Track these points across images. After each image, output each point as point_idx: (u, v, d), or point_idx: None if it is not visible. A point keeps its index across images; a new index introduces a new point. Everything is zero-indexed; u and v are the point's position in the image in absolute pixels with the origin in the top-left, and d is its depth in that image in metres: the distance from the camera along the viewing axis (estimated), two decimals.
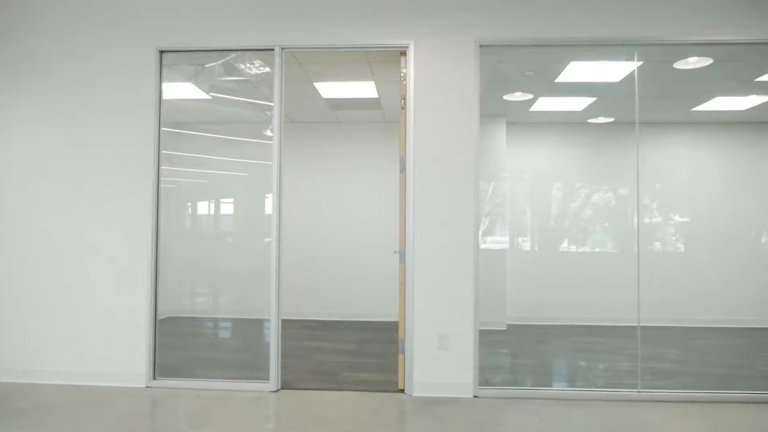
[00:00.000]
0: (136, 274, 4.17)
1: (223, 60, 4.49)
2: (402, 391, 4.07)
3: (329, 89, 5.82)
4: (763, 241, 6.75)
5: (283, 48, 4.11)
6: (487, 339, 5.89)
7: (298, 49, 4.12)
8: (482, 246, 6.88)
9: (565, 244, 6.84)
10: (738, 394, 3.89)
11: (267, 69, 4.30)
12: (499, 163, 6.58)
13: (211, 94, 4.68)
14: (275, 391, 4.07)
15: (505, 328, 6.41)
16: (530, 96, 5.88)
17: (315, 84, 5.63)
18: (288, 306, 7.44)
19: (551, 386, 4.09)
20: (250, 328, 4.94)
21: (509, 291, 6.68)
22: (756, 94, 5.69)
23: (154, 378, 4.17)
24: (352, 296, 7.47)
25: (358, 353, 5.33)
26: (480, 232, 7.21)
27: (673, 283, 6.67)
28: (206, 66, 4.56)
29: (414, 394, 3.98)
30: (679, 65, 4.76)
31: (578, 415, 3.55)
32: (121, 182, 4.20)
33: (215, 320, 5.60)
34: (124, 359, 4.16)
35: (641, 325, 4.26)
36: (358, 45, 4.06)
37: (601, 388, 4.06)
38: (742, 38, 3.95)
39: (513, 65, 5.05)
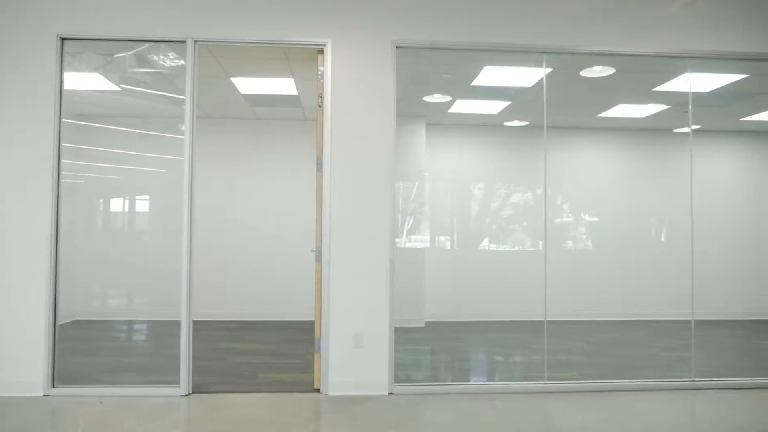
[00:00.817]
0: (33, 273, 3.90)
1: (135, 51, 4.29)
2: (318, 390, 4.05)
3: (247, 85, 5.70)
4: (662, 239, 7.25)
5: (196, 41, 3.98)
6: (405, 336, 5.98)
7: (212, 42, 4.00)
8: (407, 245, 6.99)
9: (482, 242, 7.05)
10: (635, 383, 4.16)
11: (182, 62, 4.15)
12: (419, 164, 6.69)
13: (122, 86, 4.47)
14: (186, 395, 3.94)
15: (423, 325, 6.52)
16: (449, 98, 6.02)
17: (232, 79, 5.49)
18: (206, 307, 7.23)
19: (465, 381, 4.20)
20: (162, 331, 4.75)
21: (428, 289, 6.80)
22: (654, 102, 6.10)
23: (53, 386, 3.91)
24: (272, 296, 7.36)
25: (276, 354, 5.26)
26: (404, 231, 7.32)
27: (578, 280, 7.04)
28: (116, 56, 4.34)
29: (330, 394, 3.97)
30: (586, 73, 5.03)
31: (488, 408, 3.67)
32: (19, 175, 3.91)
33: (126, 323, 5.35)
34: (19, 366, 3.88)
35: (548, 320, 4.46)
36: (274, 41, 3.99)
37: (510, 381, 4.22)
38: (641, 50, 4.22)
39: (432, 67, 5.15)
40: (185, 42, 3.99)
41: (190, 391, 3.98)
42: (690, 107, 4.62)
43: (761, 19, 4.28)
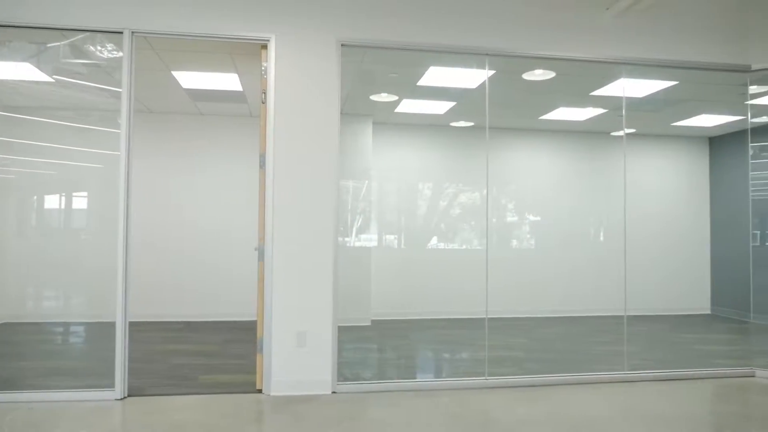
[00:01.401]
0: None
1: (69, 41, 4.11)
2: (260, 391, 3.99)
3: (189, 79, 5.55)
4: (598, 239, 7.53)
5: (133, 32, 3.85)
6: (350, 335, 5.98)
7: (150, 34, 3.88)
8: (356, 244, 6.99)
9: (428, 241, 7.13)
10: (572, 376, 4.30)
11: (120, 53, 4.00)
12: (367, 163, 6.70)
13: (56, 77, 4.27)
14: (121, 398, 3.80)
15: (369, 324, 6.54)
16: (395, 97, 6.05)
17: (173, 73, 5.34)
18: (146, 308, 7.01)
19: (408, 378, 4.24)
20: (98, 332, 4.57)
21: (375, 287, 6.83)
22: (592, 106, 6.32)
23: None
24: (216, 296, 7.20)
25: (218, 354, 5.15)
26: (354, 230, 7.30)
27: (519, 278, 7.22)
28: (49, 46, 4.14)
29: (272, 394, 3.92)
30: (527, 76, 5.16)
31: (430, 404, 3.71)
32: None
33: (61, 325, 5.13)
34: None
35: (489, 317, 4.55)
36: (216, 35, 3.91)
37: (452, 377, 4.29)
38: (579, 56, 4.36)
39: (379, 66, 5.16)
40: (122, 33, 3.85)
41: (126, 395, 3.85)
42: (624, 111, 4.81)
43: (690, 30, 4.50)
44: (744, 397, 3.91)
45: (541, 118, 6.76)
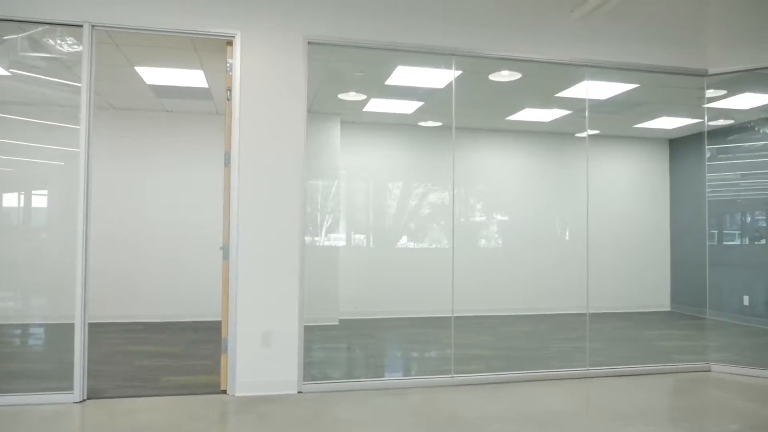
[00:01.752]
0: None
1: (27, 33, 3.99)
2: (224, 392, 3.94)
3: (153, 75, 5.45)
4: (562, 238, 7.67)
5: (93, 25, 3.75)
6: (318, 334, 5.96)
7: (111, 28, 3.79)
8: (326, 243, 6.96)
9: (396, 240, 7.15)
10: (536, 373, 4.37)
11: (80, 47, 3.90)
12: (335, 162, 6.68)
13: (13, 71, 4.14)
14: (80, 401, 3.71)
15: (337, 323, 6.52)
16: (364, 96, 6.05)
17: (136, 68, 5.23)
18: (109, 308, 6.84)
19: (375, 377, 4.24)
20: (58, 334, 4.45)
21: (343, 287, 6.81)
22: (557, 107, 6.44)
23: None
24: (180, 296, 7.08)
25: (182, 356, 5.07)
26: (323, 229, 7.27)
27: (486, 276, 7.31)
28: (5, 38, 4.01)
29: (237, 395, 3.87)
30: (494, 77, 5.22)
31: (394, 403, 3.72)
32: None
33: (19, 326, 4.98)
34: None
35: (455, 315, 4.59)
36: (179, 30, 3.84)
37: (419, 375, 4.31)
38: (544, 57, 4.43)
39: (347, 65, 5.15)
40: (81, 26, 3.75)
41: (85, 398, 3.76)
42: (587, 113, 4.91)
43: (650, 34, 4.62)
44: (700, 391, 4.03)
45: (507, 118, 6.85)
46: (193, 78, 5.52)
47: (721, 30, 4.67)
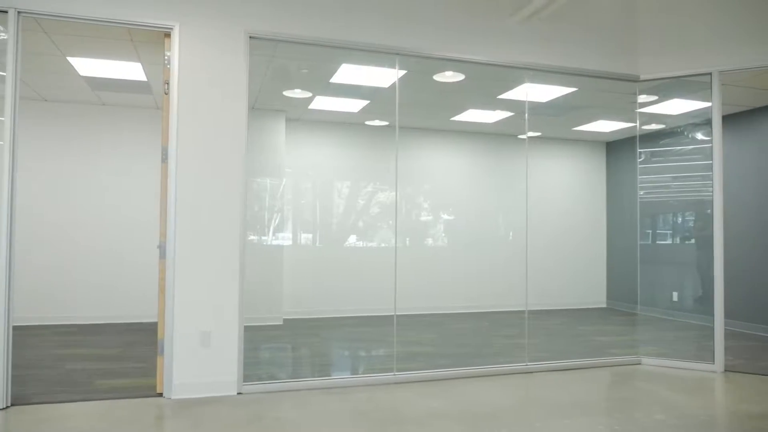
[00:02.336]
0: None
1: None
2: (161, 395, 3.82)
3: (87, 66, 5.22)
4: (503, 237, 7.84)
5: (19, 11, 3.56)
6: (261, 334, 5.87)
7: (39, 15, 3.60)
8: (273, 242, 6.85)
9: (341, 240, 7.13)
10: (477, 369, 4.45)
11: (5, 35, 3.68)
12: (280, 159, 6.60)
13: None
14: (3, 408, 3.51)
15: (281, 323, 6.45)
16: (309, 94, 6.00)
17: (69, 59, 5.00)
18: (39, 310, 6.51)
19: (317, 377, 4.21)
20: None
21: (289, 286, 6.74)
22: (500, 109, 6.57)
23: None
24: (118, 296, 6.82)
25: (117, 358, 4.88)
26: (271, 228, 7.15)
27: (429, 275, 7.39)
28: None
29: (174, 397, 3.76)
30: (438, 78, 5.27)
31: (338, 402, 3.71)
32: None
33: None
34: None
35: (399, 314, 4.62)
36: (113, 20, 3.69)
37: (361, 374, 4.31)
38: (486, 59, 4.51)
39: (292, 61, 5.09)
40: (6, 12, 3.55)
41: (9, 404, 3.56)
42: (527, 115, 5.04)
43: (586, 39, 4.78)
44: (631, 384, 4.20)
45: (452, 119, 6.94)
46: (131, 70, 5.32)
47: (653, 38, 4.88)
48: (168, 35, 3.85)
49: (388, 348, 5.01)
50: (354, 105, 6.30)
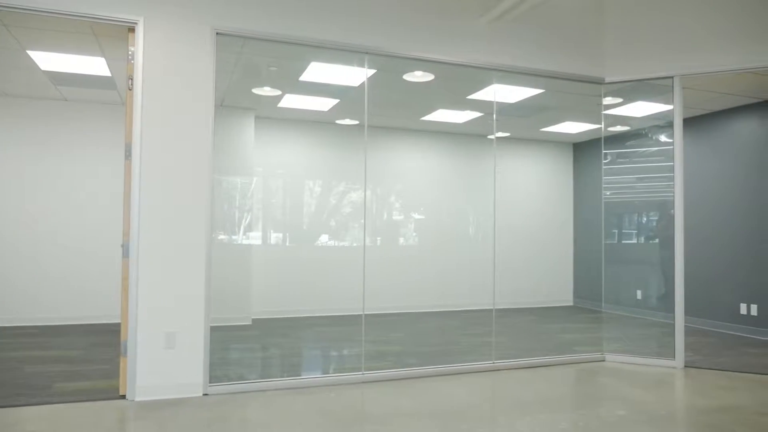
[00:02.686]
0: None
1: None
2: (124, 397, 3.74)
3: (49, 61, 5.08)
4: (472, 236, 7.90)
5: None
6: (229, 334, 5.80)
7: None
8: (239, 241, 6.76)
9: (311, 239, 7.10)
10: (445, 368, 4.47)
11: None
12: (248, 158, 6.53)
13: None
14: None
15: (250, 323, 6.39)
16: (278, 92, 5.95)
17: (29, 52, 4.86)
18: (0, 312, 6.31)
19: (284, 377, 4.18)
20: None
21: (258, 286, 6.68)
22: (469, 109, 6.62)
23: None
24: (81, 296, 6.65)
25: (80, 360, 4.77)
26: (242, 227, 7.06)
27: (398, 274, 7.40)
28: None
29: (137, 399, 3.69)
30: (408, 77, 5.29)
31: (302, 402, 3.69)
32: None
33: None
34: None
35: (367, 313, 4.62)
36: (75, 13, 3.60)
37: (329, 374, 4.30)
38: (455, 59, 4.54)
39: (261, 59, 5.04)
40: None
41: None
42: (495, 116, 5.09)
43: (554, 42, 4.85)
44: (594, 380, 4.29)
45: (422, 119, 6.96)
46: (94, 65, 5.20)
47: (618, 41, 4.99)
48: (132, 30, 3.77)
49: (357, 347, 5.00)
50: (324, 103, 6.28)
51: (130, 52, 3.78)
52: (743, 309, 6.22)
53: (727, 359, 4.98)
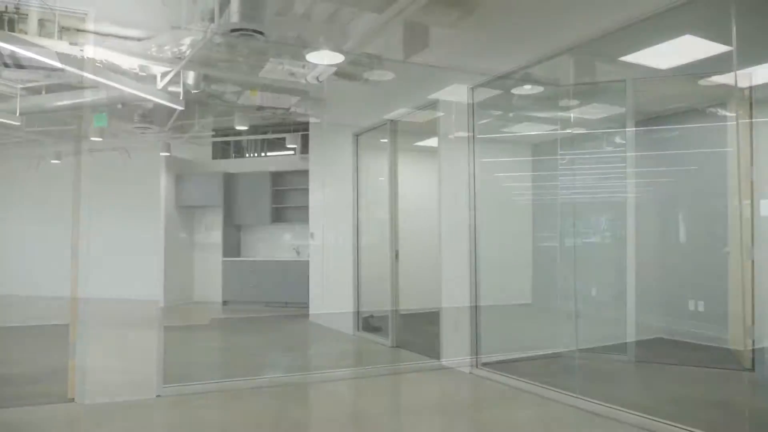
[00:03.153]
0: None
1: None
2: (72, 400, 3.63)
3: None
4: (429, 239, 7.88)
5: None
6: (187, 334, 5.70)
7: None
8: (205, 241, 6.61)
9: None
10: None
11: None
12: None
13: None
14: None
15: (207, 323, 6.29)
16: None
17: None
18: None
19: (239, 377, 4.12)
20: None
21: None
22: (430, 109, 6.63)
23: None
24: (28, 298, 6.43)
25: (26, 363, 4.61)
26: (203, 226, 6.91)
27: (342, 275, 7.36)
28: None
29: (87, 402, 3.59)
30: (370, 76, 5.29)
31: (260, 401, 3.65)
32: None
33: None
34: None
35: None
36: None
37: (286, 373, 4.27)
38: (417, 59, 4.55)
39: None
40: None
41: None
42: (453, 116, 5.13)
43: (512, 43, 4.90)
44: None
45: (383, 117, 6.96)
46: None
47: (573, 44, 5.08)
48: None
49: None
50: None
51: None
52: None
53: None
